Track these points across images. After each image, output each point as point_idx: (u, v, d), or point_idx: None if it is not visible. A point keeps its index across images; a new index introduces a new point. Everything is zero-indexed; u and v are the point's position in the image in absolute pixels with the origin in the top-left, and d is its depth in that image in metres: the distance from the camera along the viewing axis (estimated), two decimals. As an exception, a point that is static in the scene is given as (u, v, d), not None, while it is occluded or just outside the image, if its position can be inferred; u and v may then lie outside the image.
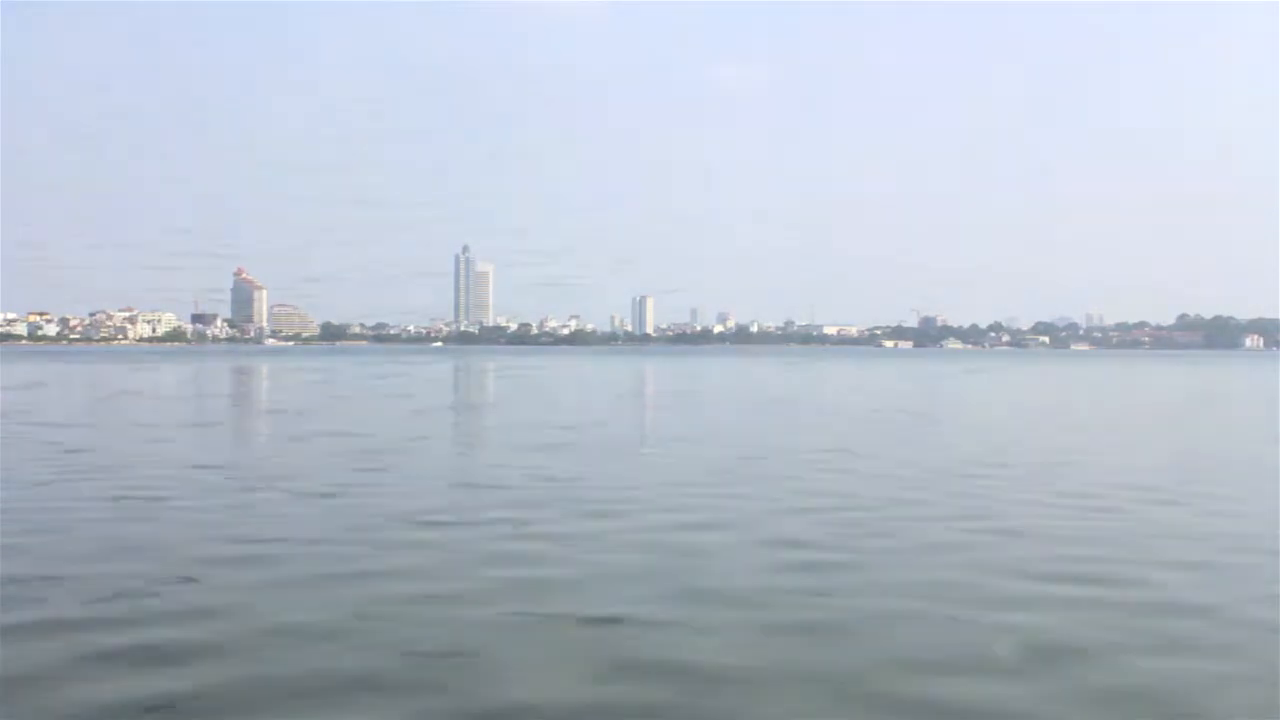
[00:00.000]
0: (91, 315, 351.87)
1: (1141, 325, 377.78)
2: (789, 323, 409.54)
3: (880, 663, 8.59)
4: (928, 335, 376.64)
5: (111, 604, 10.14)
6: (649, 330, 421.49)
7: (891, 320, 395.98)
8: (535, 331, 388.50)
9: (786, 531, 14.14)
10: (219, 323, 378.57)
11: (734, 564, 12.21)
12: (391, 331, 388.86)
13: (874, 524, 14.75)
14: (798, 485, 18.72)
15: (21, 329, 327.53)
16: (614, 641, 9.06)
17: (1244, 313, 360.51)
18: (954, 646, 9.00)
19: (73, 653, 8.57)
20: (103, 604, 10.08)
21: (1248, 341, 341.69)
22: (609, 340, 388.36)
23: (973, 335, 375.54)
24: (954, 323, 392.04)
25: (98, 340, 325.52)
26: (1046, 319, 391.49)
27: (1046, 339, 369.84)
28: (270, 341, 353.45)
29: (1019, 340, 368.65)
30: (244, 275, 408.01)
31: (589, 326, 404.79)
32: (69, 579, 11.03)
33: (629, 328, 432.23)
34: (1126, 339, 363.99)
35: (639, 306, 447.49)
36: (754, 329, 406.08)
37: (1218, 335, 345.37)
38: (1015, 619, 9.81)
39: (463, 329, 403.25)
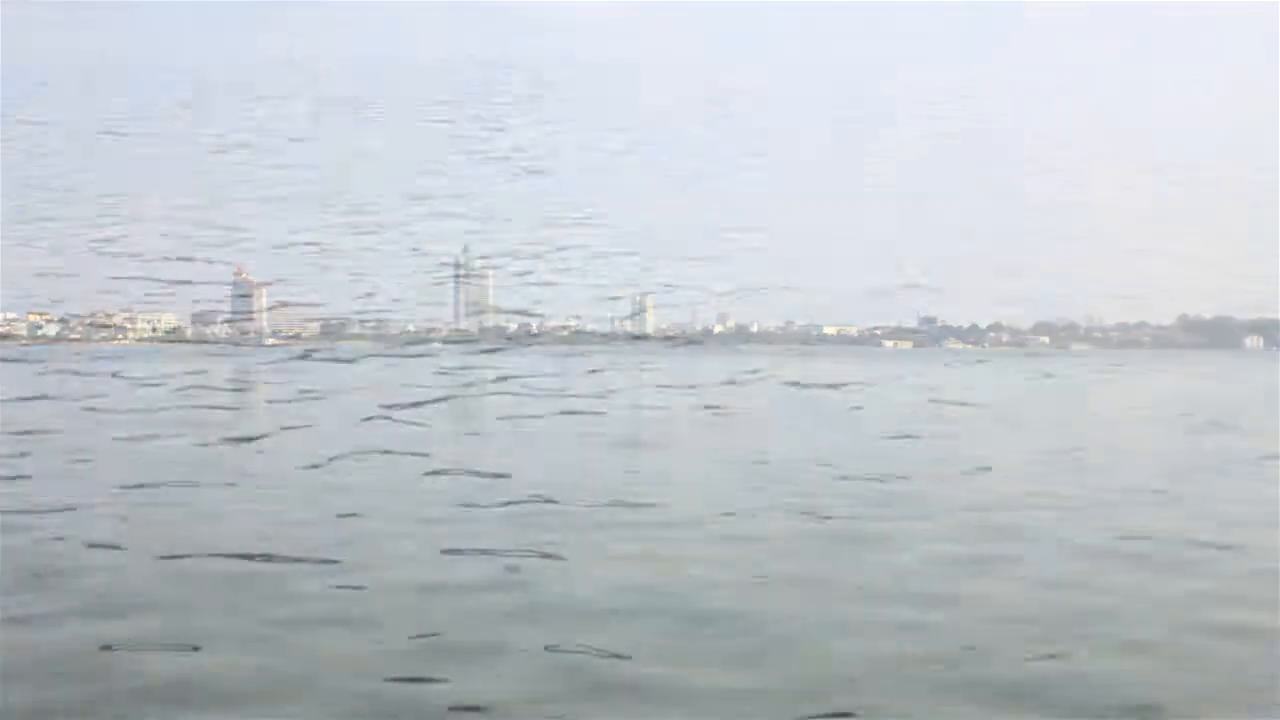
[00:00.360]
0: (92, 315, 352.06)
1: (1142, 325, 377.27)
2: (789, 323, 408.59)
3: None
4: (928, 335, 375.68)
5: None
6: (649, 330, 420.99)
7: (891, 320, 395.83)
8: (535, 331, 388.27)
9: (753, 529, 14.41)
10: (219, 322, 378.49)
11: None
12: (392, 332, 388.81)
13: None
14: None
15: (22, 329, 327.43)
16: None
17: (1244, 313, 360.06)
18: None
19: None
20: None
21: (1248, 341, 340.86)
22: (609, 340, 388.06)
23: (973, 335, 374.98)
24: (954, 323, 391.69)
25: (98, 340, 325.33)
26: (1046, 319, 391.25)
27: (1046, 339, 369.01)
28: (270, 341, 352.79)
29: (1019, 340, 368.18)
30: (244, 275, 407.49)
31: (589, 327, 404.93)
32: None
33: (629, 327, 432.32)
34: (1127, 339, 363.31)
35: (639, 306, 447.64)
36: (754, 329, 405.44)
37: (1218, 335, 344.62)
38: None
39: (462, 328, 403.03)
